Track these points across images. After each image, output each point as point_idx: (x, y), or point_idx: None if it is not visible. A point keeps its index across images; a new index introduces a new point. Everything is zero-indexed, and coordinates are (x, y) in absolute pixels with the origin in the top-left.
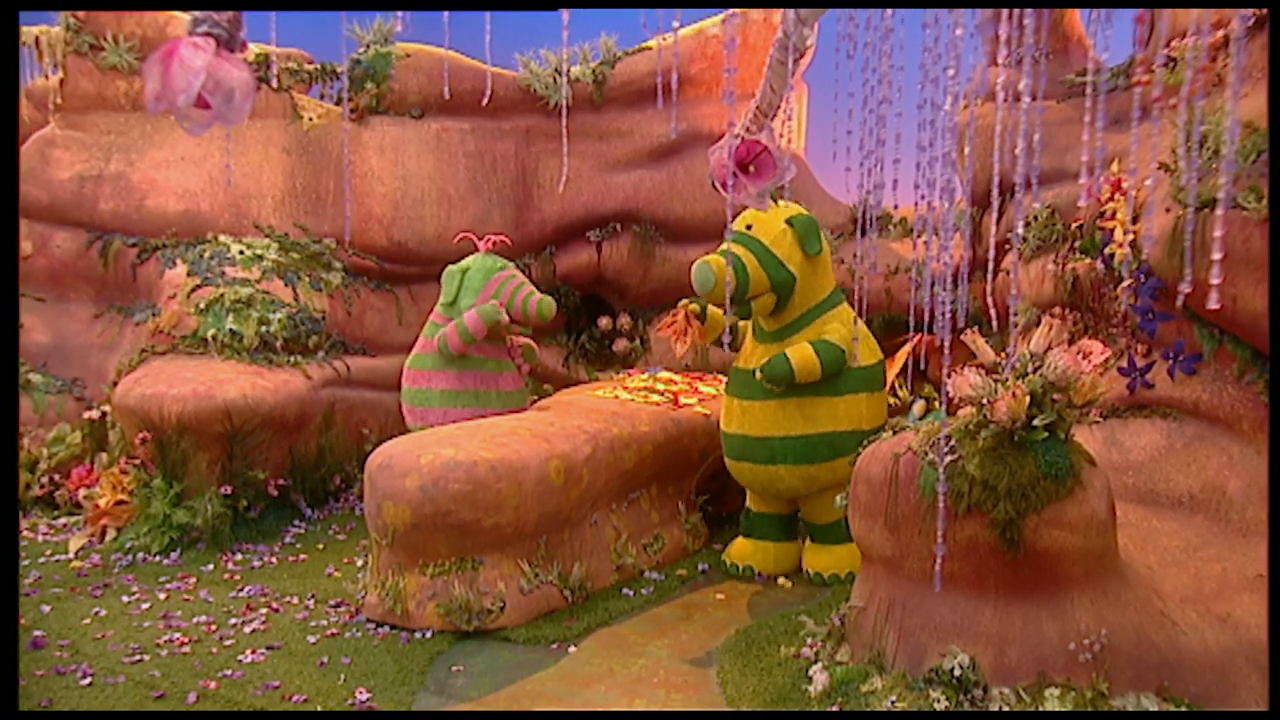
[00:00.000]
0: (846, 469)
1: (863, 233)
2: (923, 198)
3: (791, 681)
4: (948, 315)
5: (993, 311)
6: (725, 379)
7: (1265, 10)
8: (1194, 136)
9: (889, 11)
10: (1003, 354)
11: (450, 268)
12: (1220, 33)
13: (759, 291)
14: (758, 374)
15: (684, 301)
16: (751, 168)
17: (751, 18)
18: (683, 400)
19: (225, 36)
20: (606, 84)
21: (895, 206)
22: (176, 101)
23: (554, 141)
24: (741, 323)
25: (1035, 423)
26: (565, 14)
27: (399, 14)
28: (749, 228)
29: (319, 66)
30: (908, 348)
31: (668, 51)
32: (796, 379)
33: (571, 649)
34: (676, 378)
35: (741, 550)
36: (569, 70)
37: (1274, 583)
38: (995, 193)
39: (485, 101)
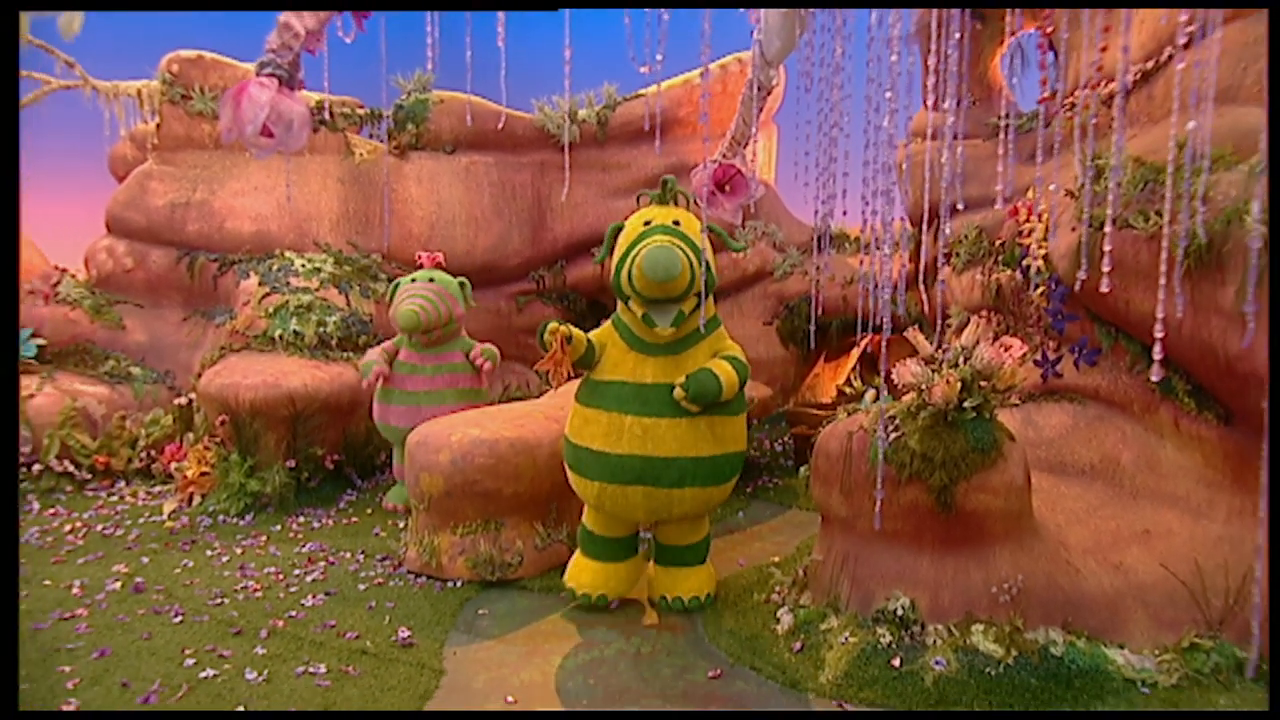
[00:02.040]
0: (729, 491)
1: (819, 249)
2: (865, 221)
3: (763, 622)
4: (887, 318)
5: (931, 313)
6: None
7: (1151, 63)
8: (1090, 170)
9: (837, 64)
10: (939, 349)
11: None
12: (1110, 85)
13: (694, 290)
14: (677, 390)
15: (553, 325)
16: (727, 187)
17: (730, 70)
18: None
19: (285, 76)
20: (608, 125)
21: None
22: (245, 131)
23: (564, 172)
24: (592, 335)
25: (965, 405)
26: (567, 61)
27: (429, 67)
28: (676, 223)
29: (369, 111)
30: (861, 345)
31: (658, 98)
32: (722, 397)
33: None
34: None
35: (592, 578)
36: (566, 113)
37: (1274, 582)
38: (931, 215)
39: (500, 125)
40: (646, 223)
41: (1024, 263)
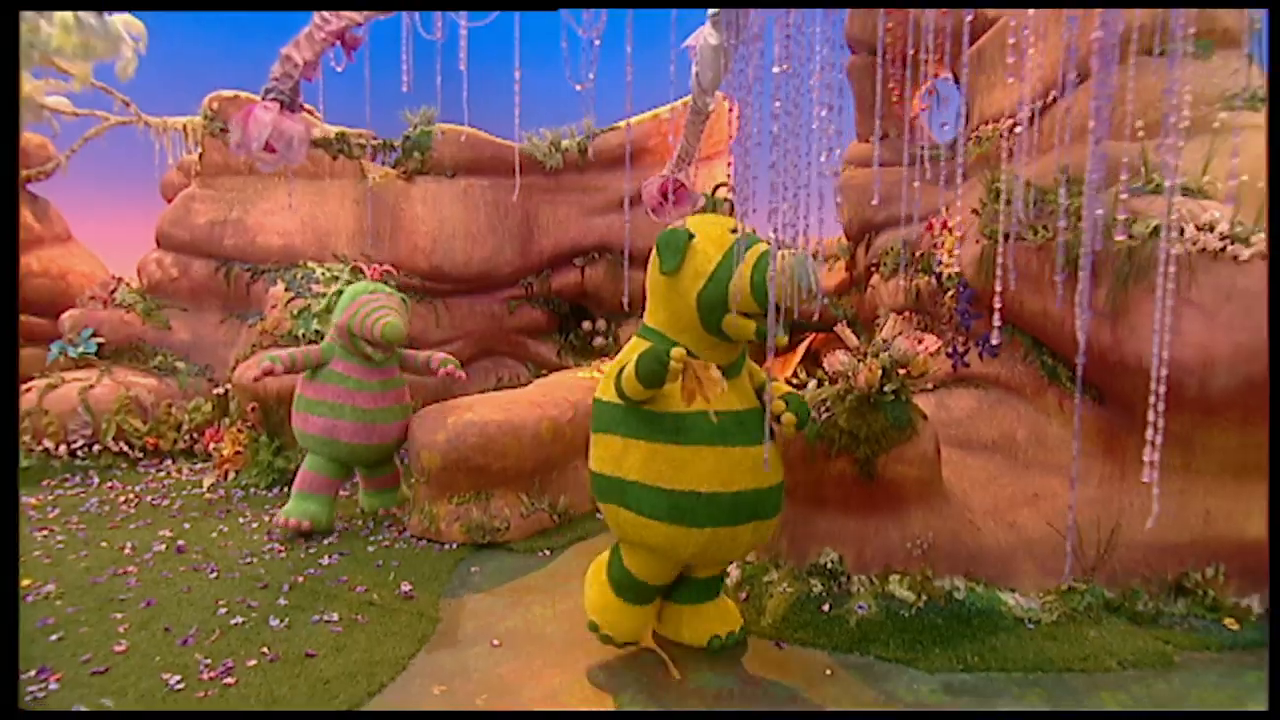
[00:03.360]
0: None
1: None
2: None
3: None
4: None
5: (863, 313)
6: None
7: (1040, 104)
8: (992, 191)
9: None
10: (866, 342)
11: (335, 288)
12: (1010, 120)
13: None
14: (788, 416)
15: (677, 352)
16: (673, 198)
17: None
18: None
19: (287, 101)
20: (588, 153)
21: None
22: (251, 148)
23: (549, 194)
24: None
25: (885, 389)
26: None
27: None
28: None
29: (381, 141)
30: (806, 342)
31: (632, 129)
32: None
33: (557, 556)
34: None
35: (632, 624)
36: (526, 142)
37: (1274, 581)
38: (862, 231)
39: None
40: (733, 230)
41: (937, 270)
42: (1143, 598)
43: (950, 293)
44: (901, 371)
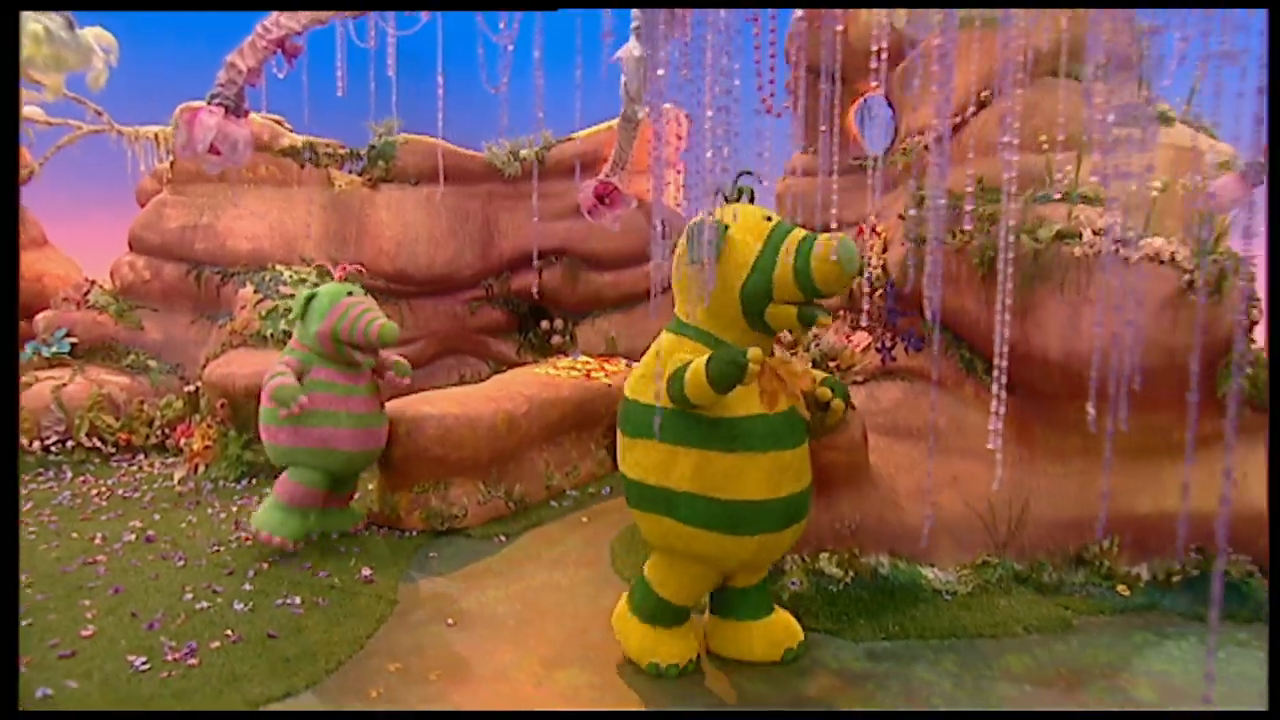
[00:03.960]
0: None
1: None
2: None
3: None
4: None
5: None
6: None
7: (959, 118)
8: (915, 199)
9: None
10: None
11: (302, 291)
12: (933, 134)
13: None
14: (837, 402)
15: (754, 353)
16: (607, 200)
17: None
18: (593, 375)
19: (232, 105)
20: (546, 162)
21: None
22: (196, 149)
23: (509, 200)
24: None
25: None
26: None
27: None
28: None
29: (348, 150)
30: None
31: (585, 141)
32: None
33: (512, 541)
34: (592, 361)
35: (680, 647)
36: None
37: (1274, 581)
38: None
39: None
40: (768, 218)
41: (867, 272)
42: (1048, 569)
43: (878, 292)
44: (832, 364)
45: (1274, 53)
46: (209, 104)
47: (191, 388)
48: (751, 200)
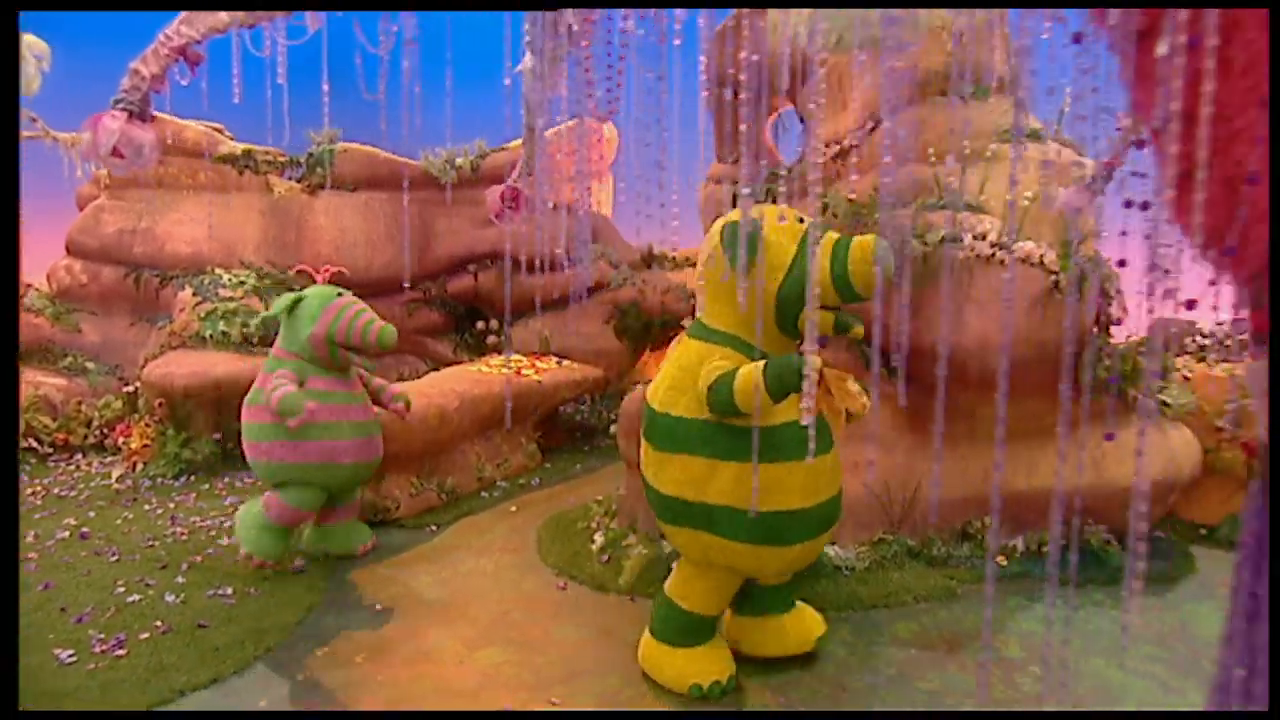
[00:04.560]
0: None
1: (649, 266)
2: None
3: (582, 542)
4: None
5: None
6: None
7: (861, 132)
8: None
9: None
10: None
11: (286, 294)
12: (839, 145)
13: None
14: (854, 331)
15: (815, 362)
16: (512, 205)
17: (573, 130)
18: (523, 372)
19: (136, 110)
20: (480, 169)
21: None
22: (99, 152)
23: (444, 207)
24: (723, 367)
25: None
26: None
27: (334, 126)
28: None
29: (288, 158)
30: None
31: (518, 150)
32: None
33: (443, 531)
34: (523, 359)
35: (719, 663)
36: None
37: (1274, 581)
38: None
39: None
40: (800, 219)
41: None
42: (937, 544)
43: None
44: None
45: (1274, 52)
46: (112, 109)
47: (130, 388)
48: (774, 200)
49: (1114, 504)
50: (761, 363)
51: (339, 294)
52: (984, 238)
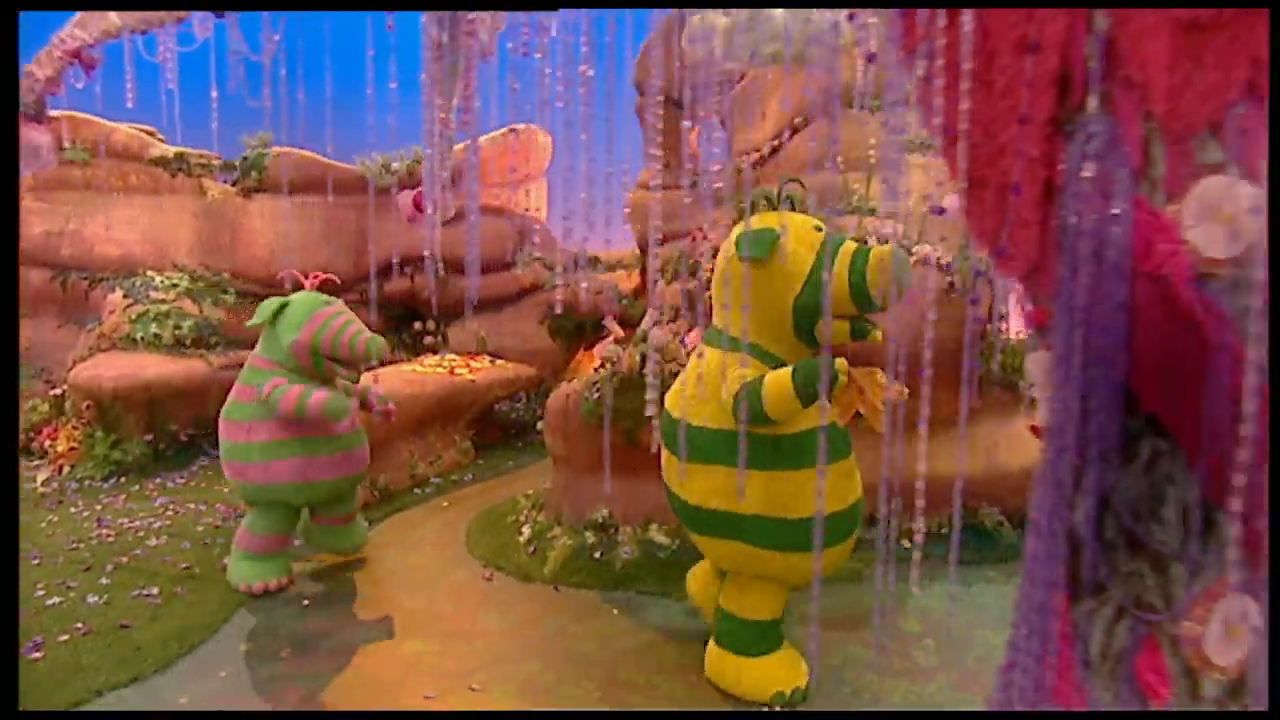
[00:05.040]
0: None
1: (578, 267)
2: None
3: (510, 534)
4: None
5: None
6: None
7: (778, 141)
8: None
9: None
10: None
11: (270, 299)
12: (757, 153)
13: None
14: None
15: (840, 364)
16: (426, 208)
17: (509, 137)
18: (457, 371)
19: (32, 113)
20: (417, 174)
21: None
22: None
23: (379, 210)
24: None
25: (644, 371)
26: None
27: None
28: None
29: (223, 161)
30: (611, 337)
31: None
32: None
33: (376, 527)
34: (458, 358)
35: (797, 670)
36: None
37: (1274, 582)
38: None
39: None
40: (817, 228)
41: (700, 274)
42: None
43: (709, 292)
44: (657, 357)
45: (1274, 52)
46: None
47: (57, 391)
48: (793, 207)
49: (1005, 489)
50: (789, 368)
51: (326, 302)
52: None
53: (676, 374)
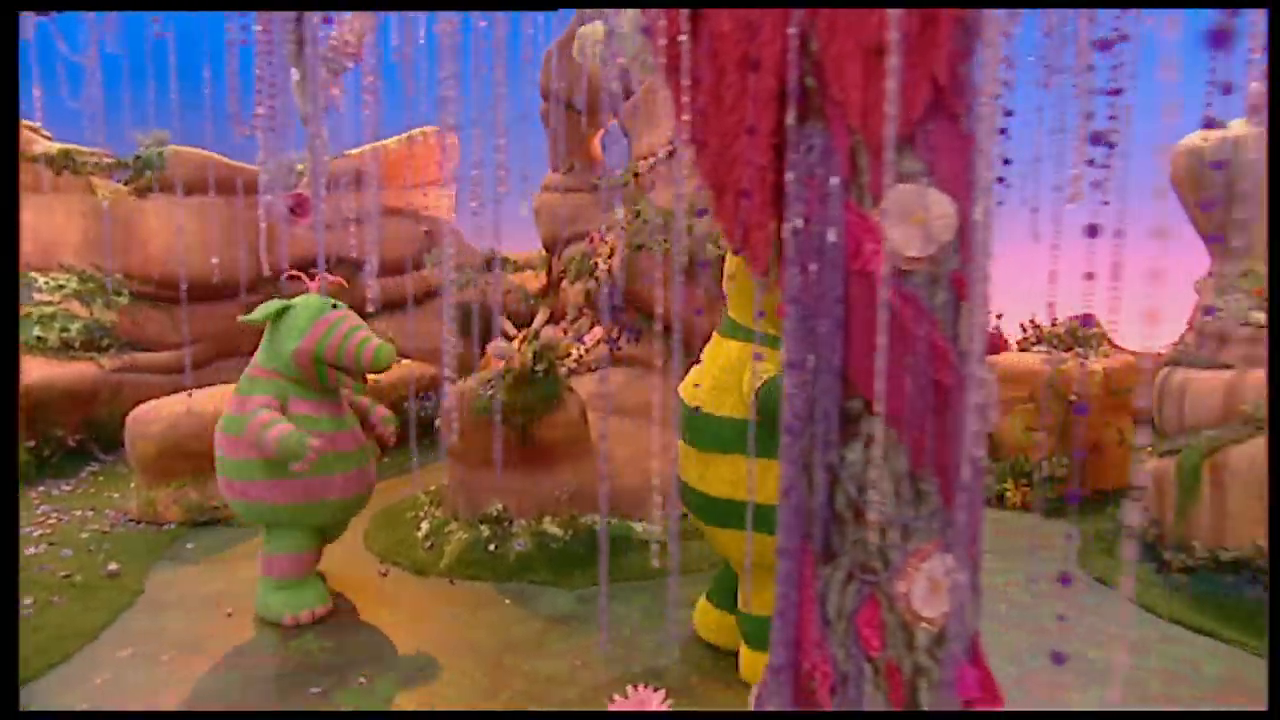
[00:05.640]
0: None
1: (491, 269)
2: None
3: (408, 530)
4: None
5: (559, 311)
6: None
7: (673, 146)
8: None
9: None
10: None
11: (273, 300)
12: (654, 158)
13: None
14: None
15: None
16: (298, 210)
17: (415, 139)
18: None
19: None
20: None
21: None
22: None
23: (284, 211)
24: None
25: (536, 368)
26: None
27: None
28: None
29: (115, 160)
30: (523, 335)
31: (358, 157)
32: None
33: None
34: None
35: None
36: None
37: (1274, 581)
38: (553, 244)
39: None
40: None
41: (596, 274)
42: None
43: (606, 290)
44: (549, 353)
45: (1274, 53)
46: None
47: None
48: None
49: None
50: None
51: (333, 306)
52: None
53: (573, 371)
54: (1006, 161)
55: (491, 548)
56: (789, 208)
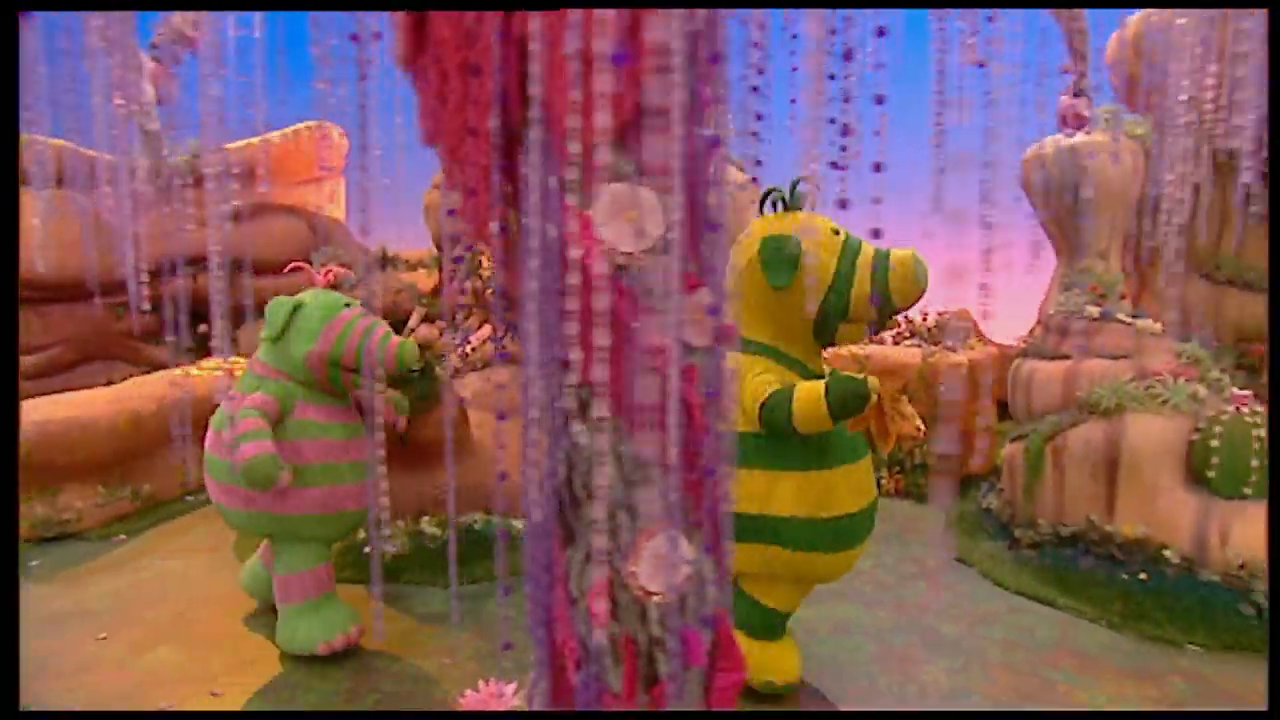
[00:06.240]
0: None
1: (383, 268)
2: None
3: None
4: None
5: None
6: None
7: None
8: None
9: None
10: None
11: (280, 298)
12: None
13: None
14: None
15: (874, 383)
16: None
17: (301, 133)
18: (236, 373)
19: None
20: (196, 171)
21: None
22: None
23: (155, 207)
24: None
25: (413, 368)
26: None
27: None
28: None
29: None
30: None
31: (236, 151)
32: None
33: (135, 538)
34: (241, 360)
35: (795, 660)
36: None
37: (1274, 580)
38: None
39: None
40: (835, 231)
41: (482, 272)
42: None
43: (490, 290)
44: (427, 353)
45: (1274, 52)
46: None
47: None
48: (800, 208)
49: None
50: (822, 384)
51: (346, 304)
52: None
53: (458, 370)
54: (758, 162)
55: (366, 550)
56: (520, 206)
